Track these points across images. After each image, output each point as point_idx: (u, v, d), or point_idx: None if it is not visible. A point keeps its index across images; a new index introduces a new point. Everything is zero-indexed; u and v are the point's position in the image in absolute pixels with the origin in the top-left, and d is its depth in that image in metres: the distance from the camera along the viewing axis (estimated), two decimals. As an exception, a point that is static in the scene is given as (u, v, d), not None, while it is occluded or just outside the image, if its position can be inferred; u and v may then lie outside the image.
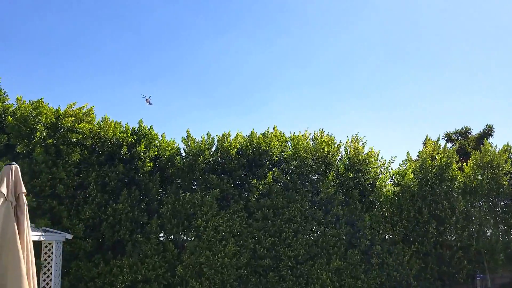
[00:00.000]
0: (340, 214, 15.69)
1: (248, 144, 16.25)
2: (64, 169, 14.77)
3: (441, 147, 16.94)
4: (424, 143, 17.16)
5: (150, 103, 31.30)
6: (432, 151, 16.62)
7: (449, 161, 16.29)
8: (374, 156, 16.47)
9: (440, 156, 16.31)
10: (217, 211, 15.31)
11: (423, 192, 16.00)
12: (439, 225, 15.95)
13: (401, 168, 17.12)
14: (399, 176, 16.34)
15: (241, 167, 15.97)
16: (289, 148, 16.52)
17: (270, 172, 15.64)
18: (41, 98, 15.00)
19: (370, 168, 16.38)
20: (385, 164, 16.99)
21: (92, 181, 15.15)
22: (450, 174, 16.30)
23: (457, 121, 52.31)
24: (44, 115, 14.84)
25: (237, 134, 16.69)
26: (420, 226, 15.89)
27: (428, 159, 16.18)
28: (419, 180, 16.16)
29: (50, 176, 14.61)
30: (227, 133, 16.39)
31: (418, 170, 16.20)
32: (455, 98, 40.71)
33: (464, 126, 24.59)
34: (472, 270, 16.13)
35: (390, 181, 16.93)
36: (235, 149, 16.01)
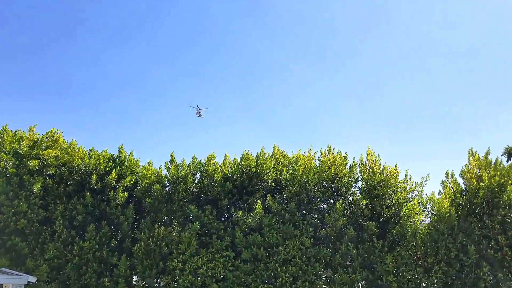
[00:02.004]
0: (353, 254, 12.04)
1: (236, 167, 13.43)
2: (26, 201, 13.05)
3: (492, 164, 12.67)
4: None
5: (200, 116, 28.31)
6: (479, 169, 12.45)
7: (503, 181, 12.02)
8: (394, 176, 12.70)
9: (490, 175, 12.12)
10: (196, 250, 12.50)
11: (468, 224, 11.85)
12: (494, 269, 11.59)
13: (440, 192, 13.13)
14: (432, 202, 12.34)
15: (228, 195, 13.10)
16: (288, 170, 13.35)
17: (259, 201, 12.57)
18: (6, 125, 13.70)
19: (391, 192, 12.60)
20: (416, 188, 13.11)
21: (58, 215, 13.21)
22: (506, 198, 11.97)
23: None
24: (8, 143, 13.43)
25: (225, 157, 14.00)
26: (466, 271, 11.65)
27: (472, 179, 12.07)
28: (461, 208, 12.05)
29: (13, 210, 12.98)
30: (211, 155, 13.74)
31: (458, 195, 12.11)
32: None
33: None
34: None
35: (424, 211, 12.91)
36: (220, 174, 13.25)
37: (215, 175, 13.17)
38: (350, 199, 12.97)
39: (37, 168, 13.18)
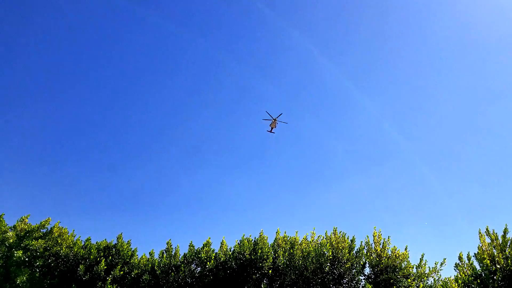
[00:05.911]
0: None
1: (231, 253, 12.66)
2: (9, 296, 12.38)
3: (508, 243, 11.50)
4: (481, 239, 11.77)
5: (272, 131, 25.90)
6: (494, 248, 11.31)
7: (522, 261, 10.76)
8: (404, 258, 11.62)
9: (507, 255, 10.93)
10: None
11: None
12: None
13: (458, 276, 11.82)
14: (443, 288, 11.04)
15: (221, 284, 12.13)
16: (285, 256, 12.45)
17: (254, 290, 11.55)
18: (1, 214, 13.63)
19: (402, 278, 11.41)
20: (431, 274, 11.90)
21: (42, 312, 12.41)
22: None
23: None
24: (1, 233, 13.24)
25: (222, 243, 13.29)
26: None
27: (486, 260, 10.89)
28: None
29: (-4, 306, 12.28)
30: (207, 241, 13.10)
31: (471, 279, 10.84)
32: None
33: None
34: None
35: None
36: (213, 262, 12.45)
37: (208, 262, 12.39)
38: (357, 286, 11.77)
39: (26, 259, 12.73)
